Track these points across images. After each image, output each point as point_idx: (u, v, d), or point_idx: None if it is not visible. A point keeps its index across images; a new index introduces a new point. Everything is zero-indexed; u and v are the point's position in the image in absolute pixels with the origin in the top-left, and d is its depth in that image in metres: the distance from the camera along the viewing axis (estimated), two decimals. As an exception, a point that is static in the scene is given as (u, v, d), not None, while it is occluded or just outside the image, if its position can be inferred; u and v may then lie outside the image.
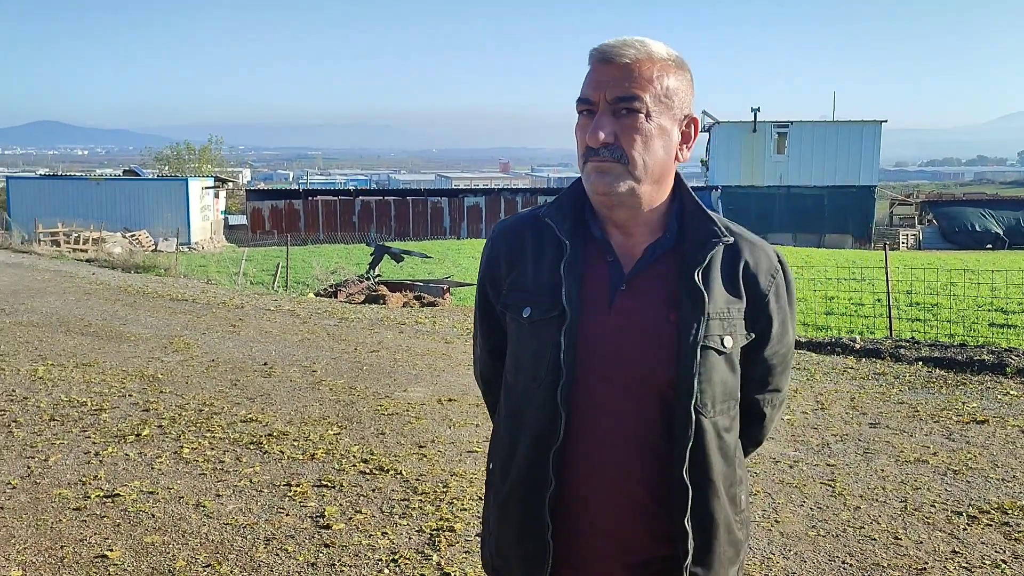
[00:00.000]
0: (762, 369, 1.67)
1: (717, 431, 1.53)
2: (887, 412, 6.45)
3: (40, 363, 8.25)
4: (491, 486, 1.66)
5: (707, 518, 1.53)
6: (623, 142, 1.47)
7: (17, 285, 15.29)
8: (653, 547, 1.54)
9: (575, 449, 1.51)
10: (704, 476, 1.52)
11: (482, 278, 1.70)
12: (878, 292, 14.51)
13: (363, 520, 4.36)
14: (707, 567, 1.54)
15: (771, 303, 1.61)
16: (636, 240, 1.56)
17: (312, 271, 19.35)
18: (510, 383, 1.62)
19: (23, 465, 5.19)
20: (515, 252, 1.62)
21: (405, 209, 40.64)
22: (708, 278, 1.53)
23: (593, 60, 1.51)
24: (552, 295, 1.53)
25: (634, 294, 1.53)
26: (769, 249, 1.64)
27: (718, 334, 1.52)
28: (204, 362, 8.36)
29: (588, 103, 1.50)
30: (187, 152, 52.14)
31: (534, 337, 1.55)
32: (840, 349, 8.94)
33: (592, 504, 1.52)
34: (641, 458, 1.51)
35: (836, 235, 38.70)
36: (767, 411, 1.73)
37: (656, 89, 1.48)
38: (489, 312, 1.71)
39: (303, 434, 5.88)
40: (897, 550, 3.98)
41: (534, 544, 1.53)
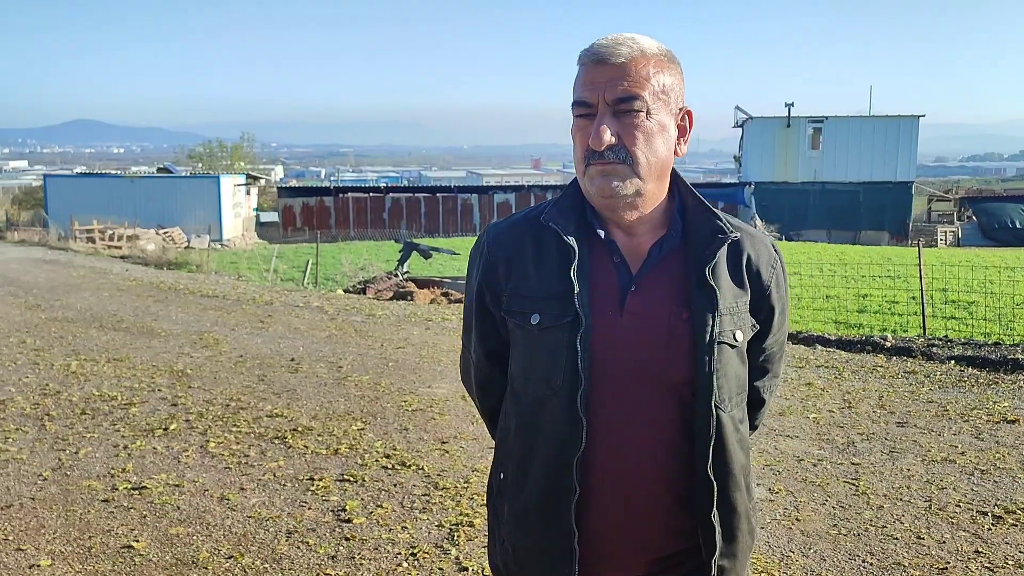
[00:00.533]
0: (763, 357, 1.70)
1: (734, 424, 1.55)
2: (916, 411, 6.36)
3: (73, 358, 8.41)
4: (502, 495, 1.62)
5: (730, 511, 1.54)
6: (626, 142, 1.46)
7: (54, 281, 15.57)
8: (672, 543, 1.55)
9: (596, 454, 1.50)
10: (726, 470, 1.53)
11: (479, 284, 1.64)
12: (913, 290, 14.32)
13: (384, 514, 4.39)
14: (731, 558, 1.56)
15: (772, 294, 1.63)
16: (641, 239, 1.55)
17: (341, 268, 19.49)
18: (519, 391, 1.58)
19: (54, 457, 5.30)
20: (513, 257, 1.59)
21: (435, 206, 40.77)
22: (717, 274, 1.53)
23: (585, 61, 1.49)
24: (562, 300, 1.50)
25: (644, 294, 1.52)
26: (767, 240, 1.65)
27: (730, 329, 1.53)
28: (232, 358, 8.46)
29: (586, 106, 1.48)
30: (219, 149, 52.67)
31: (545, 344, 1.52)
32: (870, 347, 8.84)
33: (614, 507, 1.52)
34: (662, 458, 1.51)
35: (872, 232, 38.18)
36: (766, 397, 1.77)
37: (653, 86, 1.47)
38: (487, 318, 1.66)
39: (327, 429, 5.93)
40: (919, 549, 3.94)
41: (560, 552, 1.51)
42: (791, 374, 7.67)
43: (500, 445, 1.66)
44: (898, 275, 17.09)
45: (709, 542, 1.52)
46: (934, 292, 14.10)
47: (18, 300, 12.89)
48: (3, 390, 7.08)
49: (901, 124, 38.74)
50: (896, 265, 18.38)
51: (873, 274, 17.42)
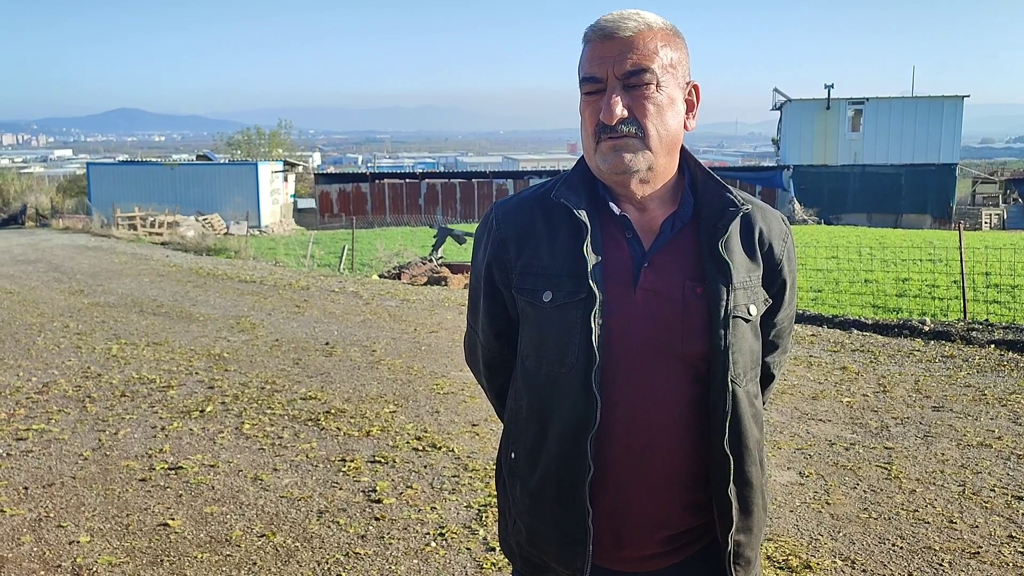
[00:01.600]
0: (774, 332, 1.69)
1: (749, 399, 1.54)
2: (952, 395, 6.27)
3: (114, 342, 8.59)
4: (515, 475, 1.60)
5: (746, 485, 1.54)
6: (638, 115, 1.46)
7: (96, 267, 15.89)
8: (687, 519, 1.54)
9: (610, 432, 1.49)
10: (742, 445, 1.52)
11: (488, 262, 1.63)
12: (954, 273, 14.06)
13: (413, 495, 4.44)
14: (747, 532, 1.55)
15: (784, 267, 1.62)
16: (652, 214, 1.54)
17: (377, 253, 19.61)
18: (531, 369, 1.56)
19: (95, 438, 5.43)
20: (524, 234, 1.57)
21: (470, 191, 40.80)
22: (730, 248, 1.52)
23: (592, 37, 1.49)
24: (575, 277, 1.49)
25: (658, 270, 1.51)
26: (777, 214, 1.64)
27: (744, 303, 1.52)
28: (268, 341, 8.58)
29: (596, 81, 1.47)
30: (258, 137, 53.17)
31: (558, 321, 1.50)
32: (908, 331, 8.71)
33: (629, 485, 1.51)
34: (677, 434, 1.50)
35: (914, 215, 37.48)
36: (775, 373, 1.76)
37: (662, 59, 1.47)
38: (495, 297, 1.65)
39: (360, 412, 6.00)
40: (951, 533, 3.89)
41: (574, 532, 1.51)
42: (825, 358, 7.60)
43: (510, 425, 1.65)
44: (939, 259, 16.78)
45: (725, 517, 1.52)
46: (976, 276, 13.83)
47: (62, 286, 13.18)
48: (47, 373, 7.26)
49: (945, 105, 37.93)
50: (938, 248, 18.06)
51: (914, 258, 17.13)
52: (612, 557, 1.55)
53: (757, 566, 1.61)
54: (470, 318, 1.77)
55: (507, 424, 1.67)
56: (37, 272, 15.16)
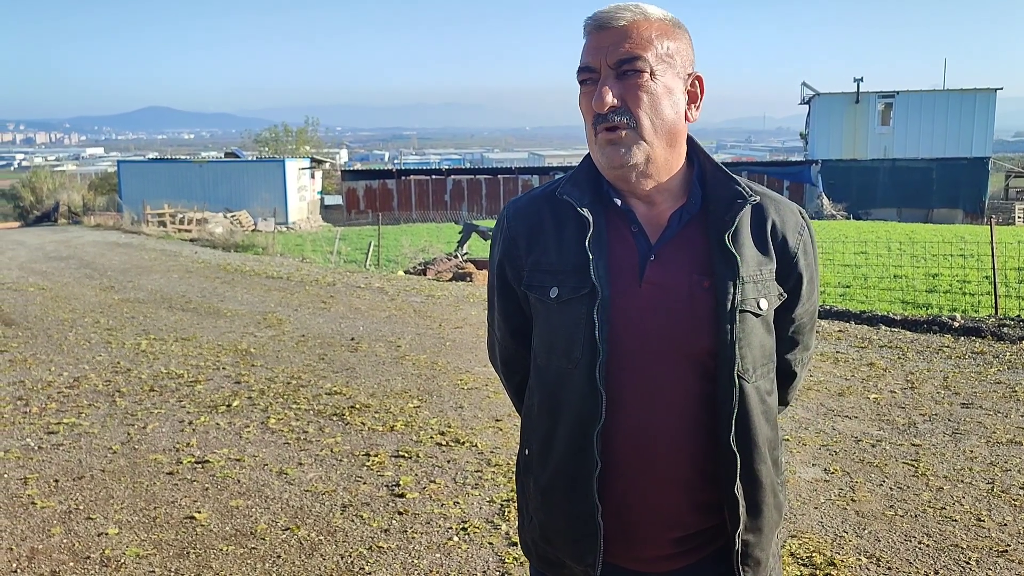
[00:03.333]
0: (793, 328, 1.65)
1: (760, 396, 1.51)
2: (982, 392, 6.19)
3: (144, 337, 8.70)
4: (529, 471, 1.61)
5: (755, 484, 1.51)
6: (629, 103, 1.44)
7: (126, 264, 16.10)
8: (699, 519, 1.52)
9: (618, 427, 1.48)
10: (750, 442, 1.49)
11: (500, 260, 1.65)
12: (986, 269, 13.85)
13: (436, 490, 4.46)
14: (757, 532, 1.52)
15: (800, 261, 1.57)
16: (660, 208, 1.53)
17: (403, 250, 19.69)
18: (542, 366, 1.57)
19: (124, 432, 5.51)
20: (534, 231, 1.58)
21: (496, 187, 40.83)
22: (739, 241, 1.49)
23: (589, 29, 1.48)
24: (579, 273, 1.48)
25: (664, 264, 1.49)
26: (793, 206, 1.60)
27: (753, 297, 1.49)
28: (294, 337, 8.65)
29: (590, 71, 1.47)
30: (285, 134, 53.55)
31: (564, 317, 1.50)
32: (937, 327, 8.60)
33: (637, 481, 1.50)
34: (685, 430, 1.48)
35: (945, 210, 36.99)
36: (797, 370, 1.72)
37: (657, 49, 1.45)
38: (509, 294, 1.66)
39: (384, 407, 6.04)
40: (978, 531, 3.85)
41: (584, 527, 1.50)
42: (852, 354, 7.52)
43: (525, 422, 1.65)
44: (971, 254, 16.55)
45: (733, 516, 1.50)
46: (1008, 271, 13.63)
47: (93, 282, 13.37)
48: (78, 367, 7.37)
49: (977, 98, 37.36)
50: (969, 243, 17.82)
51: (944, 253, 16.91)
52: (625, 555, 1.54)
53: (772, 568, 1.59)
54: (488, 317, 1.77)
55: (523, 421, 1.68)
56: (69, 268, 15.38)
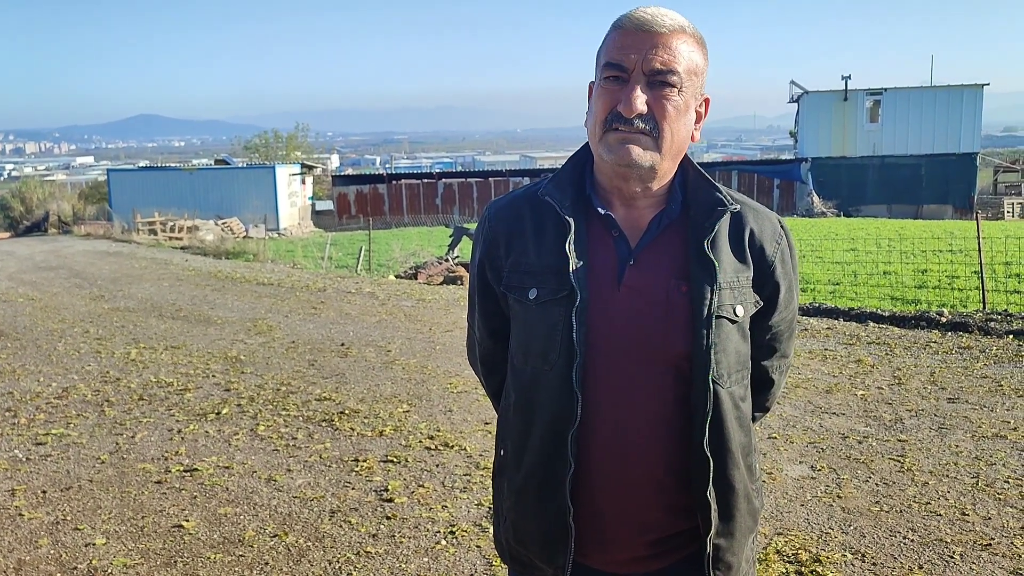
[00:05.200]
0: (770, 336, 1.65)
1: (734, 401, 1.52)
2: (968, 387, 6.22)
3: (133, 346, 8.68)
4: (503, 472, 1.63)
5: (727, 489, 1.52)
6: (657, 114, 1.44)
7: (117, 273, 16.07)
8: (672, 523, 1.53)
9: (592, 430, 1.49)
10: (723, 447, 1.50)
11: (480, 260, 1.65)
12: (974, 264, 13.91)
13: (425, 494, 4.47)
14: (728, 537, 1.53)
15: (777, 269, 1.58)
16: (640, 212, 1.54)
17: (394, 254, 19.68)
18: (518, 366, 1.57)
19: (112, 442, 5.50)
20: (514, 233, 1.58)
21: (487, 190, 40.83)
22: (717, 247, 1.50)
23: (626, 26, 1.46)
24: (558, 275, 1.49)
25: (643, 268, 1.50)
26: (772, 216, 1.61)
27: (730, 303, 1.50)
28: (284, 343, 8.65)
29: (621, 69, 1.45)
30: (275, 140, 53.45)
31: (542, 319, 1.51)
32: (925, 323, 8.64)
33: (611, 483, 1.51)
34: (659, 433, 1.49)
35: (934, 206, 37.12)
36: (775, 377, 1.72)
37: (688, 64, 1.46)
38: (489, 295, 1.66)
39: (374, 412, 6.04)
40: (963, 526, 3.87)
41: (556, 528, 1.51)
42: (840, 351, 7.55)
43: (501, 422, 1.66)
44: (960, 249, 16.62)
45: (705, 520, 1.51)
46: (996, 266, 13.69)
47: (83, 291, 13.34)
48: (67, 378, 7.36)
49: (964, 94, 37.54)
50: (958, 239, 17.88)
51: (933, 249, 16.97)
52: (598, 558, 1.55)
53: (745, 573, 1.59)
54: (469, 316, 1.78)
55: (498, 422, 1.68)
56: (59, 278, 15.34)
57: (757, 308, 1.58)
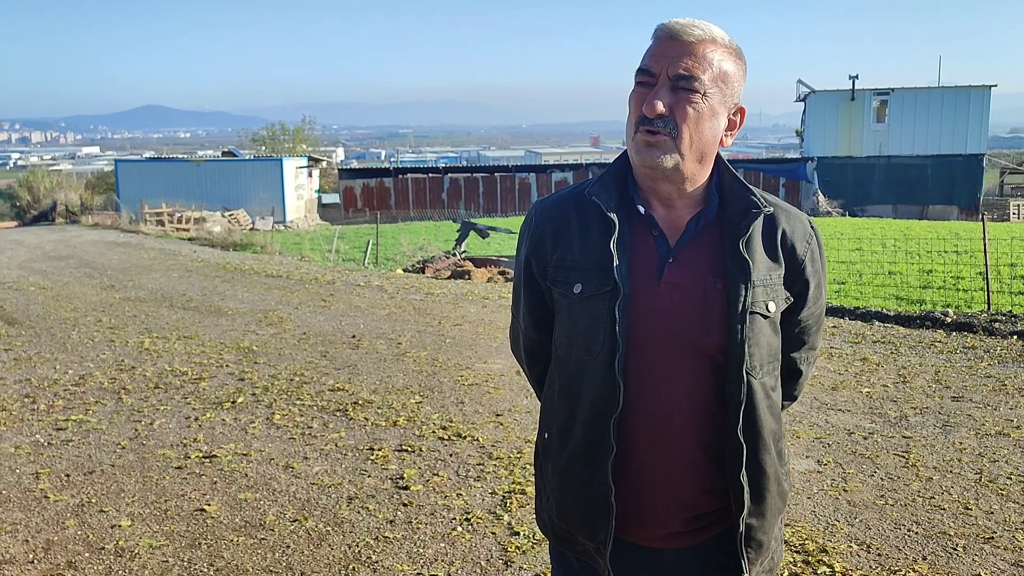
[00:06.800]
0: (799, 329, 1.77)
1: (765, 391, 1.63)
2: (972, 386, 6.32)
3: (146, 336, 8.80)
4: (548, 454, 1.73)
5: (759, 472, 1.63)
6: (676, 116, 1.55)
7: (126, 263, 16.18)
8: (706, 502, 1.65)
9: (633, 415, 1.59)
10: (756, 434, 1.62)
11: (527, 256, 1.75)
12: (979, 265, 13.98)
13: (440, 482, 4.58)
14: (760, 517, 1.65)
15: (807, 268, 1.69)
16: (679, 213, 1.64)
17: (401, 248, 19.79)
18: (562, 356, 1.68)
19: (131, 428, 5.61)
20: (560, 230, 1.68)
21: (493, 185, 40.91)
22: (751, 247, 1.62)
23: (658, 35, 1.58)
24: (602, 271, 1.60)
25: (681, 266, 1.61)
26: (803, 217, 1.72)
27: (763, 300, 1.61)
28: (296, 335, 8.76)
29: (649, 74, 1.57)
30: (282, 133, 53.53)
31: (586, 312, 1.61)
32: (930, 323, 8.73)
33: (650, 465, 1.62)
34: (695, 420, 1.61)
35: (940, 206, 37.14)
36: (803, 368, 1.83)
37: (714, 71, 1.56)
38: (534, 288, 1.76)
39: (387, 402, 6.15)
40: (966, 519, 3.97)
41: (598, 507, 1.61)
42: (846, 349, 7.65)
43: (545, 408, 1.77)
44: (965, 250, 16.68)
45: (738, 501, 1.62)
46: (1001, 267, 13.77)
47: (94, 281, 13.45)
48: (83, 365, 7.47)
49: (971, 94, 37.52)
50: (963, 240, 17.93)
51: (939, 249, 17.04)
52: (637, 533, 1.66)
53: (774, 551, 1.71)
54: (513, 309, 1.88)
55: (542, 408, 1.79)
56: (69, 268, 15.46)
57: (788, 304, 1.69)
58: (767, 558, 1.69)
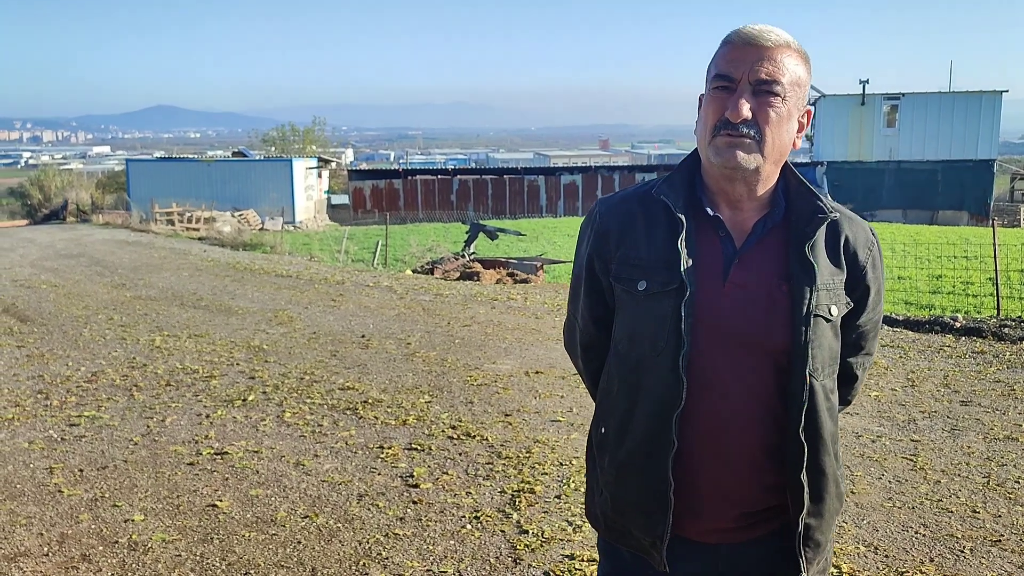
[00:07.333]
0: (857, 335, 1.79)
1: (825, 393, 1.66)
2: (981, 390, 6.32)
3: (157, 334, 8.86)
4: (604, 448, 1.74)
5: (819, 473, 1.66)
6: (760, 120, 1.58)
7: (137, 262, 16.27)
8: (761, 498, 1.67)
9: (695, 412, 1.61)
10: (816, 435, 1.64)
11: (589, 252, 1.77)
12: (989, 270, 13.96)
13: (449, 481, 4.61)
14: (818, 517, 1.67)
15: (868, 274, 1.72)
16: (745, 215, 1.67)
17: (410, 249, 19.85)
18: (623, 352, 1.70)
19: (143, 424, 5.66)
20: (625, 227, 1.71)
21: (502, 187, 40.98)
22: (815, 251, 1.65)
23: (735, 40, 1.61)
24: (668, 269, 1.62)
25: (747, 267, 1.64)
26: (865, 224, 1.76)
27: (826, 303, 1.64)
28: (306, 334, 8.81)
29: (728, 79, 1.59)
30: (292, 133, 53.69)
31: (651, 309, 1.64)
32: (939, 327, 8.73)
33: (710, 461, 1.64)
34: (757, 418, 1.63)
35: (950, 212, 37.06)
36: (859, 373, 1.86)
37: (791, 76, 1.60)
38: (595, 285, 1.77)
39: (396, 402, 6.18)
40: (973, 522, 3.98)
41: (656, 502, 1.63)
42: (855, 353, 7.65)
43: (602, 402, 1.78)
44: (975, 256, 16.65)
45: (797, 501, 1.64)
46: (1011, 272, 13.75)
47: (105, 280, 13.54)
48: (95, 363, 7.53)
49: (983, 100, 37.42)
50: (973, 245, 17.91)
51: (948, 255, 17.01)
52: (691, 528, 1.68)
53: (828, 550, 1.73)
54: (570, 305, 1.90)
55: (599, 403, 1.80)
56: (80, 266, 15.56)
57: (848, 309, 1.71)
58: (823, 558, 1.72)
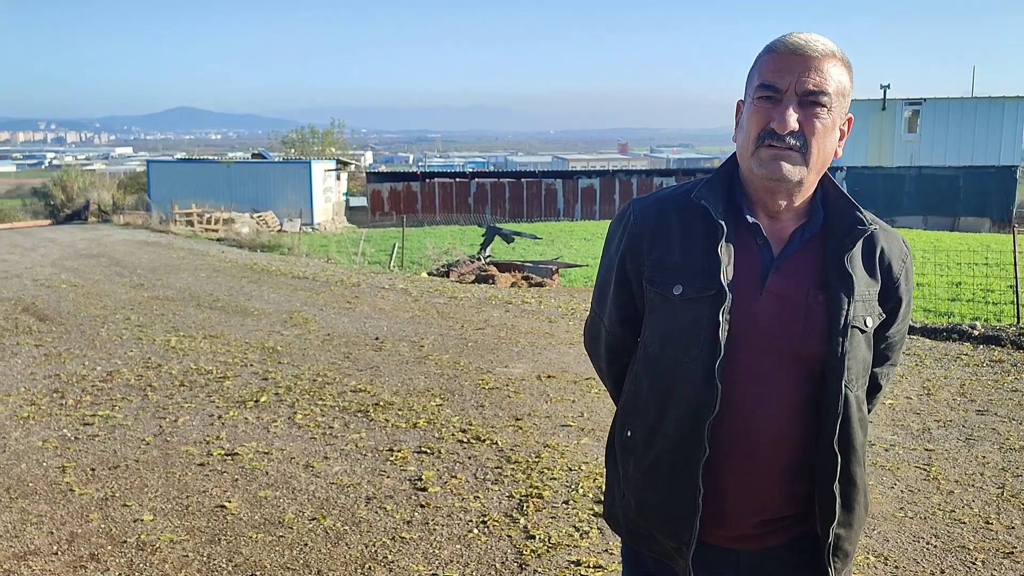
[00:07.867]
0: (885, 345, 1.77)
1: (858, 404, 1.65)
2: (998, 400, 6.25)
3: (173, 334, 8.91)
4: (629, 451, 1.72)
5: (851, 484, 1.65)
6: (806, 131, 1.57)
7: (155, 262, 16.39)
8: (784, 507, 1.66)
9: (728, 419, 1.60)
10: (849, 445, 1.63)
11: (622, 253, 1.74)
12: (1010, 278, 13.81)
13: (458, 484, 4.60)
14: (848, 527, 1.67)
15: (901, 286, 1.71)
16: (783, 224, 1.66)
17: (426, 251, 19.88)
18: (654, 355, 1.68)
19: (156, 424, 5.70)
20: (660, 230, 1.68)
21: (519, 191, 41.00)
22: (853, 263, 1.64)
23: (780, 49, 1.58)
24: (706, 275, 1.60)
25: (784, 276, 1.63)
26: (899, 236, 1.75)
27: (862, 315, 1.63)
28: (320, 336, 8.84)
29: (774, 90, 1.57)
30: (311, 135, 53.99)
31: (686, 314, 1.62)
32: (957, 335, 8.64)
33: (737, 469, 1.63)
34: (789, 427, 1.62)
35: (972, 218, 36.69)
36: (883, 383, 1.84)
37: (837, 86, 1.58)
38: (625, 286, 1.75)
39: (407, 404, 6.19)
40: (986, 534, 3.93)
41: (684, 507, 1.62)
42: (871, 361, 7.59)
43: (628, 405, 1.76)
44: (996, 263, 16.48)
45: (828, 511, 1.63)
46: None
47: (123, 280, 13.65)
48: (111, 362, 7.59)
49: (1006, 106, 37.05)
50: (995, 252, 17.71)
51: (969, 262, 16.84)
52: (715, 534, 1.67)
53: (852, 561, 1.73)
54: (596, 306, 1.87)
55: (624, 405, 1.78)
56: (100, 266, 15.69)
57: (880, 320, 1.70)
58: (848, 568, 1.71)
